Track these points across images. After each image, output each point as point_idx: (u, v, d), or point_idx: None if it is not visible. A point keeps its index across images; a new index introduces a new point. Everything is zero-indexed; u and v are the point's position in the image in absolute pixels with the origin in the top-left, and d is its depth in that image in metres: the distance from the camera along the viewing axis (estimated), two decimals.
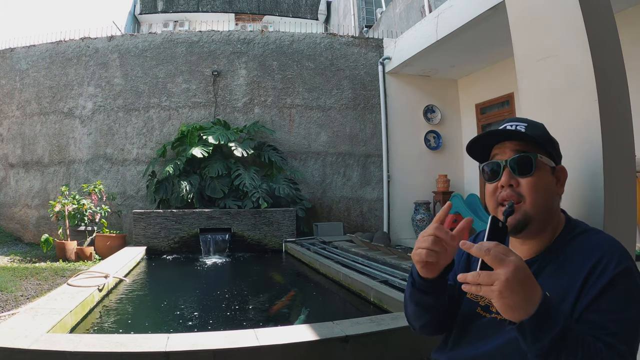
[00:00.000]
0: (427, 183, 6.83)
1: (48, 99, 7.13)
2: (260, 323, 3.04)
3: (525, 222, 0.91)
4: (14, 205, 7.15)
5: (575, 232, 0.93)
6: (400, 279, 3.56)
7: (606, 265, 0.81)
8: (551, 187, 0.94)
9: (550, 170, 0.95)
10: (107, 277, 3.68)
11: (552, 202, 0.94)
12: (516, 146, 0.94)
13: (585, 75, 1.20)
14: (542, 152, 0.94)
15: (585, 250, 0.86)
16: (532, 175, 0.91)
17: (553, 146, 0.98)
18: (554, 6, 1.30)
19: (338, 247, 5.62)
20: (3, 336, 2.07)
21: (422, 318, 1.03)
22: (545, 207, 0.92)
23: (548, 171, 0.94)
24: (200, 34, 7.26)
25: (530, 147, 0.94)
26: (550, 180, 0.94)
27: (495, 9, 4.30)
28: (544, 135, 0.97)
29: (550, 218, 0.94)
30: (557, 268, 0.89)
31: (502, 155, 0.96)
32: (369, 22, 13.51)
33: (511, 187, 0.93)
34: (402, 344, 2.22)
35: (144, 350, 1.92)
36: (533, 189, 0.91)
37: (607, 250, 0.83)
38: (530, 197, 0.91)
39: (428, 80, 7.13)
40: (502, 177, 0.94)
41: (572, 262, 0.86)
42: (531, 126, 0.96)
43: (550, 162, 0.95)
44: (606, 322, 0.77)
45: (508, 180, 0.93)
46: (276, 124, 7.15)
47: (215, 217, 6.11)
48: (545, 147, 0.95)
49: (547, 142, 0.96)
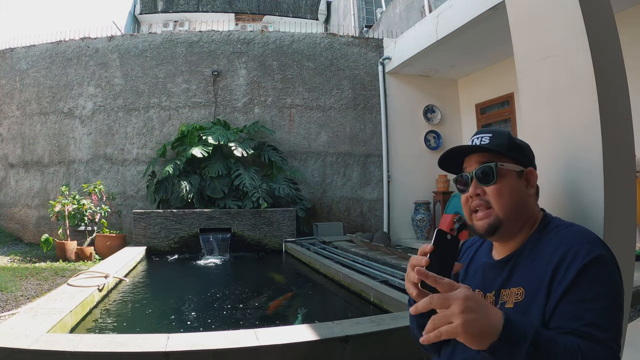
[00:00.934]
0: (427, 183, 6.83)
1: (48, 99, 7.13)
2: (257, 322, 3.04)
3: (496, 225, 0.96)
4: (14, 205, 7.15)
5: (550, 227, 0.97)
6: (400, 279, 3.56)
7: (575, 254, 0.83)
8: (518, 190, 0.98)
9: (517, 174, 0.99)
10: (107, 277, 3.68)
11: (521, 204, 0.98)
12: (480, 158, 1.01)
13: (585, 75, 1.20)
14: (506, 160, 0.99)
15: (556, 241, 0.90)
16: (495, 182, 0.97)
17: (519, 151, 1.02)
18: (554, 6, 1.30)
19: (338, 247, 5.62)
20: (3, 336, 2.07)
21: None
22: (514, 210, 0.96)
23: (513, 176, 0.99)
24: (200, 34, 7.26)
25: (493, 156, 0.99)
26: (517, 183, 0.99)
27: (495, 9, 4.30)
28: (507, 144, 1.01)
29: (522, 218, 0.98)
30: (530, 261, 0.92)
31: (470, 167, 1.03)
32: (369, 22, 13.51)
33: (479, 195, 0.99)
34: (402, 344, 2.22)
35: (144, 350, 1.92)
36: (498, 195, 0.97)
37: (577, 240, 0.86)
38: (496, 203, 0.96)
39: (428, 80, 7.13)
40: (470, 187, 1.01)
41: (544, 255, 0.90)
42: (495, 137, 1.02)
43: (515, 167, 1.00)
44: (582, 312, 0.78)
45: (475, 190, 1.00)
46: (276, 124, 7.15)
47: (215, 217, 6.11)
48: (509, 154, 1.00)
49: (511, 149, 1.01)
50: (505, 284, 0.95)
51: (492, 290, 0.97)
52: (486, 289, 1.00)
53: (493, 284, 0.98)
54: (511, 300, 0.91)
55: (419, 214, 6.53)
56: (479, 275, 1.05)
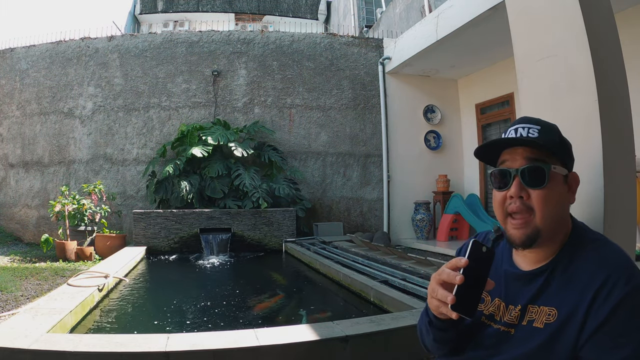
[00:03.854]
0: (427, 183, 6.83)
1: (48, 99, 7.13)
2: (256, 322, 3.04)
3: (535, 237, 0.86)
4: (14, 205, 7.15)
5: (584, 241, 0.88)
6: (400, 279, 3.56)
7: (615, 284, 0.77)
8: (563, 197, 0.89)
9: (563, 179, 0.90)
10: (107, 277, 3.68)
11: (563, 213, 0.90)
12: (528, 153, 0.88)
13: (585, 75, 1.20)
14: (556, 161, 0.89)
15: (593, 264, 0.82)
16: (544, 187, 0.86)
17: (567, 152, 0.93)
18: (554, 6, 1.30)
19: (338, 247, 5.62)
20: (3, 336, 2.07)
21: (443, 349, 1.00)
22: (555, 220, 0.87)
23: (560, 181, 0.89)
24: (200, 34, 7.26)
25: (543, 154, 0.88)
26: (563, 190, 0.89)
27: (495, 9, 4.30)
28: (558, 141, 0.91)
29: (560, 228, 0.90)
30: (565, 282, 0.85)
31: (513, 163, 0.90)
32: (369, 22, 13.51)
33: (521, 198, 0.87)
34: (402, 344, 2.22)
35: (144, 350, 1.92)
36: (544, 202, 0.86)
37: (616, 266, 0.80)
38: (542, 211, 0.86)
39: (428, 80, 7.13)
40: (511, 187, 0.88)
41: (581, 277, 0.83)
42: (545, 130, 0.90)
43: (563, 170, 0.90)
44: (618, 346, 0.74)
45: (518, 191, 0.87)
46: (276, 124, 7.15)
47: (215, 217, 6.11)
48: (559, 155, 0.89)
49: (562, 148, 0.91)
50: (534, 300, 0.87)
51: (518, 304, 0.89)
52: (509, 300, 0.92)
53: (518, 296, 0.90)
54: (541, 319, 0.84)
55: (419, 214, 6.53)
56: (499, 283, 0.95)
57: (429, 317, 0.95)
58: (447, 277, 0.81)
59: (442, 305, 0.82)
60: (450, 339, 0.96)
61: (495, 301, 0.96)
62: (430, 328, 0.96)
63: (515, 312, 0.89)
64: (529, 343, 0.84)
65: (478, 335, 0.95)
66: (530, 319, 0.86)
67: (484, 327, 0.95)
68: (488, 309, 0.96)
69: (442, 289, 0.82)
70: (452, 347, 0.99)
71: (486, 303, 0.97)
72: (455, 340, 0.97)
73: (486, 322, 0.95)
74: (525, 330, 0.86)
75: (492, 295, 0.97)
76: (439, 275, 0.83)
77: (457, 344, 0.99)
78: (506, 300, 0.93)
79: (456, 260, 0.81)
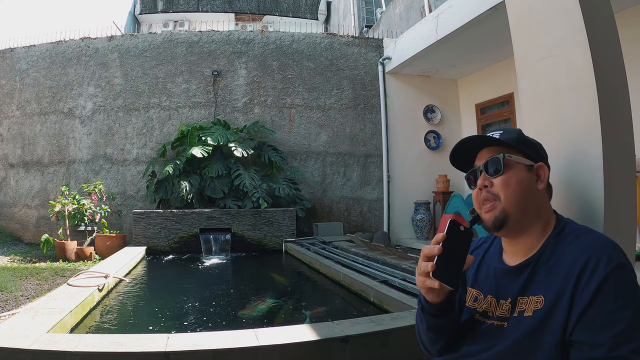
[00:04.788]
0: (427, 183, 6.83)
1: (48, 99, 7.13)
2: (260, 321, 3.04)
3: (503, 218, 0.94)
4: (14, 205, 7.15)
5: (566, 231, 0.94)
6: (400, 279, 3.56)
7: (597, 264, 0.81)
8: (527, 183, 0.97)
9: (527, 168, 0.98)
10: (107, 277, 3.68)
11: (529, 197, 0.96)
12: (490, 152, 1.01)
13: (585, 75, 1.20)
14: (515, 153, 0.98)
15: (575, 250, 0.87)
16: (503, 173, 0.96)
17: (528, 145, 1.01)
18: (554, 6, 1.30)
19: (338, 247, 5.62)
20: (3, 336, 2.07)
21: (438, 342, 1.03)
22: (520, 201, 0.95)
23: (523, 169, 0.97)
24: (200, 34, 7.26)
25: (502, 150, 0.99)
26: (526, 176, 0.97)
27: (495, 9, 4.30)
28: (517, 138, 1.01)
29: (532, 215, 0.96)
30: (549, 270, 0.89)
31: (480, 162, 1.03)
32: (369, 22, 13.51)
33: (486, 187, 0.98)
34: (402, 344, 2.23)
35: (144, 350, 1.92)
36: (504, 186, 0.95)
37: (597, 248, 0.84)
38: (503, 194, 0.95)
39: (428, 80, 7.13)
40: (478, 180, 1.00)
41: (564, 264, 0.87)
42: (506, 132, 1.02)
43: (524, 160, 0.98)
44: (609, 323, 0.76)
45: (482, 182, 0.99)
46: (276, 124, 7.15)
47: (215, 217, 6.11)
48: (518, 148, 0.99)
49: (521, 142, 1.00)
50: (522, 291, 0.92)
51: (508, 298, 0.94)
52: (500, 295, 0.97)
53: (508, 290, 0.95)
54: (530, 308, 0.88)
55: (419, 214, 6.53)
56: (490, 280, 1.01)
57: (422, 304, 1.01)
58: (429, 251, 0.90)
59: (426, 279, 0.90)
60: (443, 328, 1.00)
61: (487, 298, 1.00)
62: (423, 315, 1.01)
63: (507, 306, 0.93)
64: (519, 331, 0.88)
65: (473, 332, 0.98)
66: (520, 310, 0.90)
67: (478, 324, 0.98)
68: (482, 306, 1.00)
69: (424, 262, 0.90)
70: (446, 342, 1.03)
71: (479, 301, 1.01)
72: (448, 332, 1.01)
73: (480, 319, 0.99)
74: (516, 321, 0.90)
75: (484, 293, 1.01)
76: (422, 252, 0.91)
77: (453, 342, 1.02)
78: (497, 296, 0.97)
79: (437, 237, 0.90)
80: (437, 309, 0.96)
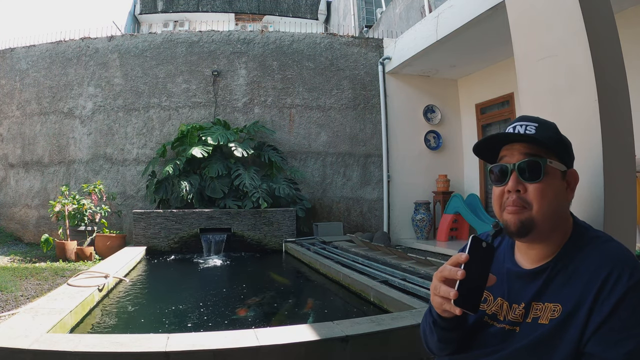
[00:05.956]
0: (427, 183, 6.83)
1: (48, 99, 7.13)
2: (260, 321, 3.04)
3: (530, 228, 0.88)
4: (14, 205, 7.15)
5: (585, 238, 0.89)
6: (400, 279, 3.56)
7: (619, 278, 0.78)
8: (560, 192, 0.90)
9: (561, 174, 0.91)
10: (107, 277, 3.68)
11: (560, 209, 0.90)
12: (525, 149, 0.90)
13: (585, 75, 1.20)
14: (553, 156, 0.90)
15: (596, 260, 0.83)
16: (541, 181, 0.87)
17: (565, 149, 0.94)
18: (554, 6, 1.30)
19: (338, 247, 5.62)
20: (3, 336, 2.07)
21: (446, 349, 1.01)
22: (552, 214, 0.88)
23: (558, 176, 0.90)
24: (200, 34, 7.26)
25: (540, 150, 0.90)
26: (560, 185, 0.90)
27: (495, 9, 4.30)
28: (555, 138, 0.92)
29: (557, 224, 0.90)
30: (568, 278, 0.86)
31: (510, 158, 0.92)
32: (369, 22, 13.51)
33: (518, 192, 0.89)
34: (402, 344, 2.23)
35: (144, 350, 1.92)
36: (540, 196, 0.87)
37: (619, 261, 0.81)
38: (537, 204, 0.87)
39: (428, 80, 7.13)
40: (509, 181, 0.90)
41: (583, 273, 0.83)
42: (542, 127, 0.92)
43: (560, 166, 0.91)
44: (623, 340, 0.75)
45: (515, 185, 0.89)
46: (276, 124, 7.15)
47: (215, 217, 6.11)
48: (556, 151, 0.91)
49: (559, 144, 0.92)
50: (537, 297, 0.88)
51: (521, 302, 0.89)
52: (512, 299, 0.92)
53: (521, 295, 0.91)
54: (546, 316, 0.85)
55: (419, 214, 6.53)
56: (502, 282, 0.96)
57: (433, 317, 0.95)
58: (449, 274, 0.81)
59: (445, 302, 0.83)
60: (454, 339, 0.96)
61: (497, 300, 0.96)
62: (435, 328, 0.95)
63: (520, 310, 0.89)
64: (532, 338, 0.84)
65: (481, 335, 0.95)
66: (535, 316, 0.86)
67: (487, 327, 0.95)
68: (491, 308, 0.96)
69: (444, 285, 0.82)
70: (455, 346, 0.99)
71: (489, 302, 0.97)
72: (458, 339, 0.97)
73: (489, 322, 0.95)
74: (530, 327, 0.86)
75: (494, 295, 0.97)
76: (440, 273, 0.84)
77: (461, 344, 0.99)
78: (509, 299, 0.93)
79: (457, 257, 0.82)
80: (451, 323, 0.91)
